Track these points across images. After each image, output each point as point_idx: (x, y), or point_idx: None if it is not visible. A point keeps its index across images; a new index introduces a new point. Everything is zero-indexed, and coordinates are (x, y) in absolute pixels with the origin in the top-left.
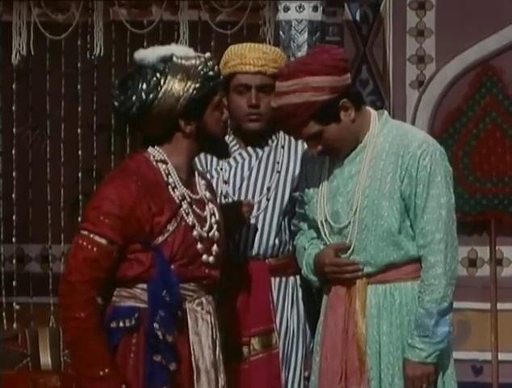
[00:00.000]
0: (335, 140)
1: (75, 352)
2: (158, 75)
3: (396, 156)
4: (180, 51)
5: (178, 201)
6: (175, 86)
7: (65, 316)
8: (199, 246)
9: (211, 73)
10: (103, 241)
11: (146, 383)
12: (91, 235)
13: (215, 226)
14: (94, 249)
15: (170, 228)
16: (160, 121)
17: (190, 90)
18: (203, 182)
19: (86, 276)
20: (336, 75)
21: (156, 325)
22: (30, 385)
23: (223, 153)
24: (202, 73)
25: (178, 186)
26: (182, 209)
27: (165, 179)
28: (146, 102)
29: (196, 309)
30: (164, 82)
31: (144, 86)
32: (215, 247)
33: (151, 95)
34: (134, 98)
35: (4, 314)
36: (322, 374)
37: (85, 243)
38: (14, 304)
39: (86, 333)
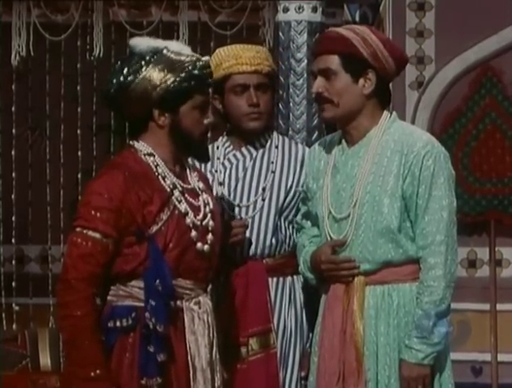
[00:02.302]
0: (338, 92)
1: (69, 350)
2: (142, 63)
3: (400, 154)
4: (175, 46)
5: (168, 190)
6: (154, 74)
7: (61, 314)
8: (193, 233)
9: (196, 72)
10: (97, 235)
11: (140, 373)
12: (84, 231)
13: (209, 215)
14: (89, 244)
15: (164, 217)
16: (136, 106)
17: (169, 82)
18: (195, 174)
19: (82, 272)
20: (390, 55)
21: (147, 314)
22: (29, 386)
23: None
24: (186, 69)
25: (167, 175)
26: (173, 197)
27: (154, 169)
28: (123, 84)
29: (193, 308)
30: (145, 70)
31: (125, 70)
32: (210, 236)
33: (129, 78)
34: (115, 80)
35: (3, 314)
36: (320, 375)
37: (79, 240)
38: (13, 305)
39: (82, 332)
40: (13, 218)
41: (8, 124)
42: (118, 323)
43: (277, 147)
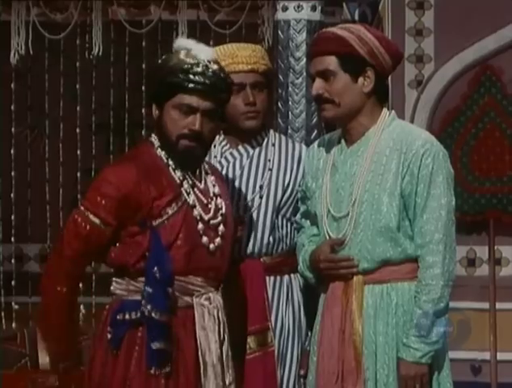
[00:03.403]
0: (339, 93)
1: (41, 318)
2: (163, 59)
3: (399, 152)
4: (197, 50)
5: (178, 181)
6: (160, 65)
7: (44, 283)
8: (200, 226)
9: (182, 71)
10: (97, 220)
11: (147, 364)
12: (86, 213)
13: (220, 218)
14: (87, 227)
15: (170, 211)
16: (149, 94)
17: (161, 74)
18: (212, 177)
19: (74, 251)
20: (386, 51)
21: (143, 301)
22: (28, 385)
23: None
24: (176, 65)
25: (178, 167)
26: (183, 189)
27: (166, 161)
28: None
29: (203, 303)
30: (163, 60)
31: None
32: (218, 239)
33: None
34: None
35: (3, 313)
36: (319, 374)
37: (79, 219)
38: (12, 303)
39: (58, 306)
40: (12, 217)
41: (7, 123)
42: (127, 316)
43: (274, 145)
